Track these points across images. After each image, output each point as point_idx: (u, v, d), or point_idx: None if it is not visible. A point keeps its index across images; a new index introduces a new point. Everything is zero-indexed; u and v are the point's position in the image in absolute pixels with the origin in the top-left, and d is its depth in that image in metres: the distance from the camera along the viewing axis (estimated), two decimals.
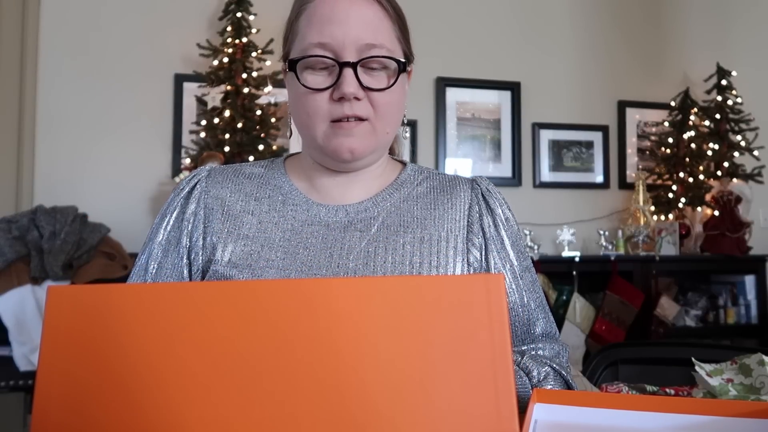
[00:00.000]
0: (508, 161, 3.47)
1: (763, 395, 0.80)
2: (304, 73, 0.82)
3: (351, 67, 0.80)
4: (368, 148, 0.84)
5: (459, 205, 0.88)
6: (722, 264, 3.44)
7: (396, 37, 0.86)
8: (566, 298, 3.20)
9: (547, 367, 0.77)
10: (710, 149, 3.52)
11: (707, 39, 3.79)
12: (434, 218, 0.87)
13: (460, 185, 0.91)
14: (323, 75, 0.82)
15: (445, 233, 0.85)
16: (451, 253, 0.84)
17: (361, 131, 0.82)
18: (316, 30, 0.81)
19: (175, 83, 3.06)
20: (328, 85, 0.81)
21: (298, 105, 0.84)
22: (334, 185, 0.88)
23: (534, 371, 0.75)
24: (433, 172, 0.94)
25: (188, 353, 0.35)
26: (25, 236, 2.40)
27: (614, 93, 3.66)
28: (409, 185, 0.91)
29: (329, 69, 0.82)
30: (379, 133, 0.85)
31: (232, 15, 2.93)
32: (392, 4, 0.86)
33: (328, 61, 0.81)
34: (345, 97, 0.80)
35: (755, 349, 0.92)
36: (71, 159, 2.92)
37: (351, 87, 0.79)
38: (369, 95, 0.82)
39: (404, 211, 0.87)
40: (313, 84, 0.81)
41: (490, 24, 3.50)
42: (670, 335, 3.19)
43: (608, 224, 3.54)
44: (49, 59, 2.94)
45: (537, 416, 0.64)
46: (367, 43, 0.81)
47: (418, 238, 0.84)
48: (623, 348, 1.24)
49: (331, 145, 0.82)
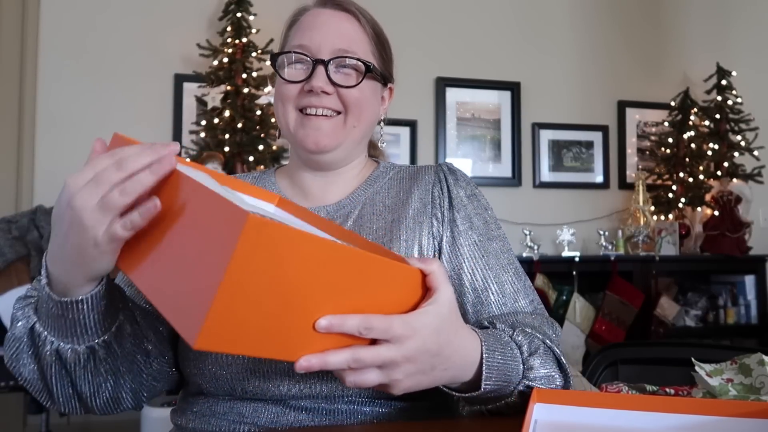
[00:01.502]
0: (508, 161, 3.47)
1: (763, 395, 0.80)
2: (284, 68, 0.93)
3: (322, 64, 0.90)
4: (334, 141, 0.92)
5: (423, 186, 0.95)
6: (722, 264, 3.44)
7: (371, 51, 0.95)
8: (566, 298, 3.20)
9: (538, 341, 0.78)
10: (710, 149, 3.52)
11: (707, 39, 3.79)
12: (402, 201, 0.94)
13: (425, 171, 0.98)
14: (300, 70, 0.92)
15: (412, 212, 0.92)
16: (417, 228, 0.90)
17: (329, 125, 0.92)
18: (300, 34, 0.93)
19: (175, 83, 3.06)
20: (301, 79, 0.91)
21: (275, 97, 0.95)
22: (315, 184, 0.96)
23: (525, 345, 0.76)
24: (402, 166, 1.02)
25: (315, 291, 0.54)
26: (25, 236, 2.40)
27: (614, 93, 3.66)
28: (381, 180, 0.98)
29: (305, 65, 0.92)
30: (348, 127, 0.93)
31: (232, 15, 2.93)
32: (372, 25, 0.97)
33: (305, 59, 0.91)
34: (313, 90, 0.89)
35: (755, 349, 0.92)
36: (71, 159, 2.92)
37: (319, 81, 0.89)
38: (339, 92, 0.91)
39: (376, 202, 0.94)
40: (289, 76, 0.92)
41: (490, 24, 3.50)
42: (670, 335, 3.19)
43: (608, 224, 3.54)
44: (49, 59, 2.94)
45: (537, 416, 0.64)
46: (340, 48, 0.91)
47: (389, 221, 0.91)
48: (623, 348, 1.24)
49: (299, 135, 0.92)
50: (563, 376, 0.79)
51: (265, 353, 0.53)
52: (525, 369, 0.74)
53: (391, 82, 1.01)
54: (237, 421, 0.80)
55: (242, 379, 0.79)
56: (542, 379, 0.75)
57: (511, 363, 0.72)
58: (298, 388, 0.79)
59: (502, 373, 0.70)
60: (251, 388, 0.79)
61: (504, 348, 0.72)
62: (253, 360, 0.78)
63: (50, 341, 0.69)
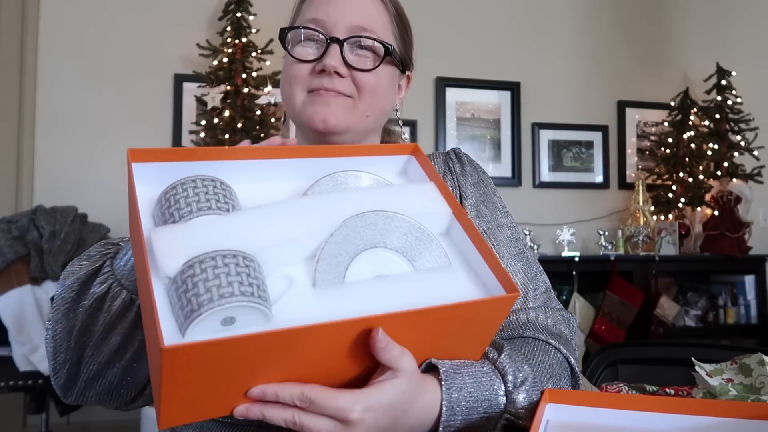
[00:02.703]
0: (508, 161, 3.47)
1: (763, 395, 0.80)
2: (294, 46, 0.84)
3: (337, 43, 0.82)
4: (343, 123, 0.83)
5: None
6: (722, 264, 3.44)
7: (392, 32, 0.87)
8: (566, 298, 3.20)
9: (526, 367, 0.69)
10: (710, 149, 3.52)
11: (707, 39, 3.79)
12: None
13: (436, 158, 0.93)
14: (312, 48, 0.84)
15: None
16: None
17: (340, 104, 0.83)
18: (314, 8, 0.84)
19: (175, 83, 3.06)
20: (313, 58, 0.83)
21: (283, 76, 0.87)
22: None
23: (509, 375, 0.67)
24: None
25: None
26: (25, 236, 2.40)
27: (614, 93, 3.66)
28: None
29: (318, 43, 0.83)
30: (359, 114, 0.85)
31: (232, 15, 2.93)
32: (395, 5, 0.88)
33: (319, 37, 0.83)
34: (326, 70, 0.81)
35: (755, 349, 0.92)
36: (71, 159, 2.92)
37: (333, 60, 0.81)
38: (353, 74, 0.83)
39: None
40: (299, 55, 0.83)
41: (490, 24, 3.50)
42: (670, 335, 3.19)
43: (608, 224, 3.54)
44: (49, 59, 2.94)
45: (548, 416, 0.64)
46: (358, 25, 0.83)
47: None
48: (623, 348, 1.24)
49: (306, 113, 0.83)
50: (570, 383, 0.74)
51: (228, 412, 0.57)
52: (507, 403, 0.66)
53: (410, 70, 0.93)
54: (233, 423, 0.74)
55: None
56: (529, 408, 0.66)
57: (483, 403, 0.65)
58: None
59: (468, 415, 0.64)
60: None
61: (471, 392, 0.64)
62: None
63: (107, 278, 0.69)
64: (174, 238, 0.54)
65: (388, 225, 0.63)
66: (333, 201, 0.63)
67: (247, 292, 0.51)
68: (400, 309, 0.56)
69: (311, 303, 0.58)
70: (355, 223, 0.61)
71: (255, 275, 0.53)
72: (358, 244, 0.62)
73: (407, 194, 0.67)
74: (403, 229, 0.63)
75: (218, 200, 0.59)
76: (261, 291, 0.53)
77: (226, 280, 0.51)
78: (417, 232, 0.63)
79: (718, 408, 0.62)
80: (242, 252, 0.54)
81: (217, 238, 0.55)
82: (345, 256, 0.61)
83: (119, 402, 0.77)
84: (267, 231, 0.58)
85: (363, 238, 0.62)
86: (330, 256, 0.60)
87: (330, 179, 0.68)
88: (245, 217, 0.59)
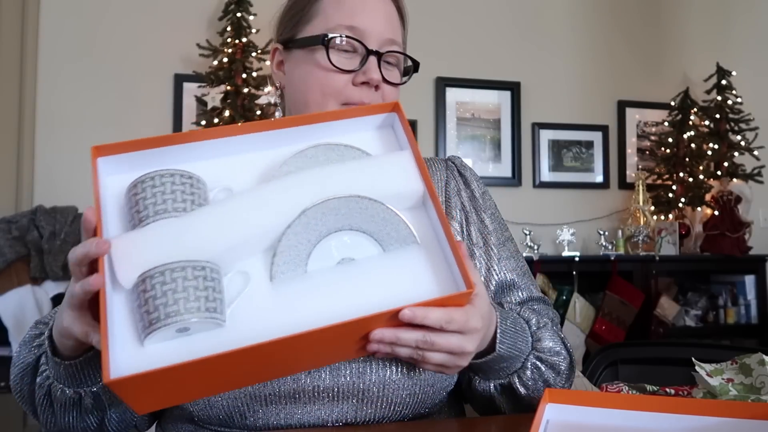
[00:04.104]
0: (508, 161, 3.47)
1: (763, 395, 0.80)
2: (323, 52, 0.81)
3: (377, 56, 0.82)
4: None
5: (436, 182, 0.90)
6: (722, 264, 3.44)
7: (403, 40, 0.90)
8: (566, 298, 3.20)
9: (546, 318, 0.82)
10: (710, 149, 3.52)
11: (707, 39, 3.79)
12: None
13: (436, 164, 0.93)
14: (346, 57, 0.82)
15: None
16: None
17: None
18: (348, 14, 0.82)
19: (175, 83, 3.06)
20: (353, 68, 0.81)
21: (310, 81, 0.82)
22: None
23: (533, 319, 0.79)
24: None
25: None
26: (25, 236, 2.40)
27: (614, 93, 3.66)
28: None
29: (352, 53, 0.82)
30: None
31: (232, 15, 2.93)
32: (404, 10, 0.90)
33: (356, 45, 0.81)
34: (370, 83, 0.81)
35: (755, 349, 0.92)
36: (71, 159, 2.92)
37: (377, 74, 0.81)
38: (382, 87, 0.83)
39: None
40: (340, 64, 0.81)
41: (490, 24, 3.50)
42: (670, 335, 3.19)
43: (608, 224, 3.54)
44: (49, 59, 2.94)
45: (549, 416, 0.64)
46: (389, 38, 0.83)
47: None
48: (623, 348, 1.24)
49: None
50: (569, 355, 0.82)
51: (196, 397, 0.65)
52: (534, 341, 0.78)
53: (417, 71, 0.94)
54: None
55: (241, 405, 0.71)
56: (550, 351, 0.78)
57: (521, 333, 0.76)
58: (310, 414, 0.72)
59: (513, 340, 0.74)
60: (251, 416, 0.72)
61: (514, 320, 0.76)
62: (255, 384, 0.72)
63: (47, 375, 0.71)
64: (130, 248, 0.56)
65: (351, 209, 0.61)
66: (293, 188, 0.62)
67: (192, 308, 0.54)
68: (352, 306, 0.58)
69: (268, 300, 0.59)
70: (315, 212, 0.61)
71: (205, 285, 0.55)
72: (321, 230, 0.61)
73: (378, 168, 0.65)
74: (368, 210, 0.62)
75: (175, 199, 0.59)
76: (209, 302, 0.55)
77: (173, 297, 0.53)
78: (383, 212, 0.62)
79: (718, 408, 0.62)
80: (192, 262, 0.55)
81: (170, 245, 0.56)
82: (306, 245, 0.61)
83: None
84: (224, 230, 0.59)
85: (325, 224, 0.61)
86: (288, 248, 0.60)
87: (300, 157, 0.66)
88: (201, 218, 0.59)
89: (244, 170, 0.66)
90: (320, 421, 0.73)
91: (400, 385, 0.74)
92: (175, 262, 0.55)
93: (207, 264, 0.56)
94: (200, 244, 0.57)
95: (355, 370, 0.73)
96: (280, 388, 0.72)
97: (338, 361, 0.72)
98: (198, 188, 0.61)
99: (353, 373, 0.73)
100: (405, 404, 0.75)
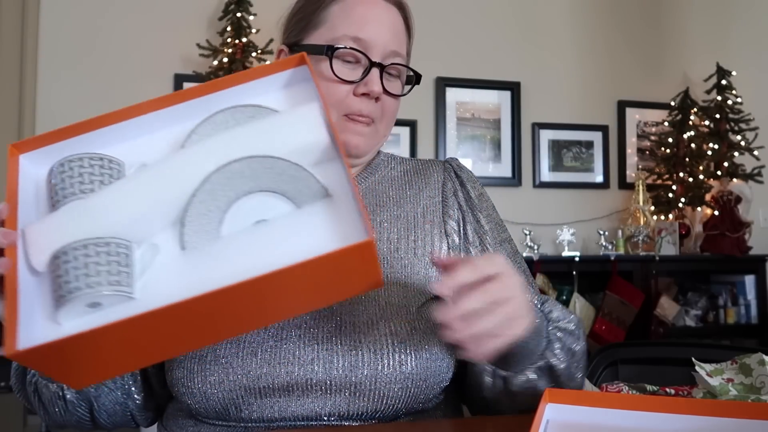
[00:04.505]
0: (508, 161, 3.47)
1: (763, 395, 0.80)
2: (333, 62, 0.83)
3: (379, 68, 0.83)
4: (369, 147, 0.89)
5: (433, 183, 0.92)
6: (722, 264, 3.44)
7: (407, 51, 0.91)
8: (566, 298, 3.20)
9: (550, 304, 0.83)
10: (710, 149, 3.52)
11: (707, 39, 3.79)
12: (409, 197, 0.90)
13: (433, 166, 0.95)
14: (349, 68, 0.84)
15: (421, 209, 0.89)
16: (427, 227, 0.88)
17: (368, 130, 0.86)
18: (355, 25, 0.83)
19: (175, 83, 3.06)
20: (354, 79, 0.83)
21: None
22: None
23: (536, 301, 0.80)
24: (405, 159, 0.98)
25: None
26: None
27: (614, 93, 3.65)
28: (382, 169, 0.94)
29: (355, 64, 0.84)
30: (380, 135, 0.89)
31: (232, 15, 2.93)
32: (411, 20, 0.92)
33: (360, 57, 0.83)
34: (371, 95, 0.83)
35: (755, 349, 0.92)
36: None
37: (378, 86, 0.83)
38: (382, 98, 0.85)
39: (379, 193, 0.90)
40: (341, 75, 0.83)
41: (490, 24, 3.50)
42: (670, 335, 3.19)
43: (608, 224, 3.54)
44: (48, 59, 2.94)
45: (549, 416, 0.64)
46: (393, 50, 0.85)
47: (394, 216, 0.88)
48: (623, 348, 1.24)
49: (340, 138, 0.84)
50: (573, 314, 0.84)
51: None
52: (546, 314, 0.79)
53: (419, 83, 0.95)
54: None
55: (236, 397, 0.73)
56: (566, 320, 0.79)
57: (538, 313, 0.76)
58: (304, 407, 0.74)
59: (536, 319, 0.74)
60: (246, 409, 0.74)
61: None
62: (249, 376, 0.73)
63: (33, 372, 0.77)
64: (39, 233, 0.59)
65: (256, 170, 0.60)
66: (196, 155, 0.62)
67: (93, 283, 0.55)
68: (266, 265, 0.55)
69: (181, 269, 0.59)
70: (219, 177, 0.60)
71: (108, 260, 0.57)
72: (230, 195, 0.61)
73: (283, 124, 0.64)
74: (274, 169, 0.61)
75: (83, 181, 0.61)
76: (111, 275, 0.56)
77: (74, 274, 0.56)
78: (290, 169, 0.61)
79: (718, 408, 0.62)
80: (95, 239, 0.57)
81: (75, 225, 0.58)
82: (216, 211, 0.61)
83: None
84: (130, 204, 0.60)
85: (233, 188, 0.61)
86: (198, 216, 0.60)
87: (209, 123, 0.65)
88: (103, 196, 0.60)
89: (162, 146, 0.66)
90: (313, 413, 0.74)
91: (392, 379, 0.74)
92: (78, 240, 0.57)
93: (112, 240, 0.58)
94: (103, 222, 0.59)
95: (348, 363, 0.74)
96: (273, 381, 0.73)
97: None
98: (109, 169, 0.63)
99: (345, 366, 0.74)
100: (397, 398, 0.75)
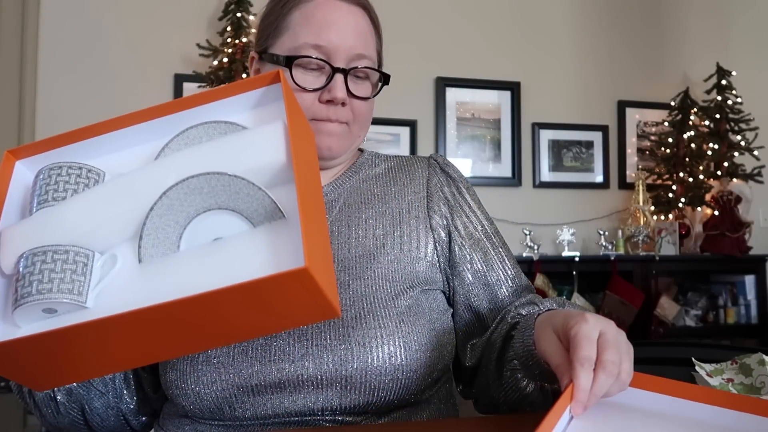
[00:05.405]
0: (508, 161, 3.47)
1: (763, 395, 0.80)
2: (295, 71, 0.84)
3: (343, 73, 0.84)
4: (343, 148, 0.89)
5: (417, 179, 0.93)
6: (722, 264, 3.44)
7: (377, 50, 0.90)
8: (566, 298, 3.20)
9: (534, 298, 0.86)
10: (710, 149, 3.52)
11: (707, 39, 3.79)
12: (394, 193, 0.91)
13: (417, 162, 0.96)
14: (313, 75, 0.84)
15: (406, 205, 0.90)
16: (413, 222, 0.88)
17: (340, 131, 0.87)
18: (314, 32, 0.83)
19: (175, 83, 3.06)
20: (318, 87, 0.84)
21: None
22: None
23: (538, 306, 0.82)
24: (390, 156, 0.99)
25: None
26: None
27: (614, 93, 3.66)
28: (366, 167, 0.95)
29: (319, 71, 0.84)
30: (354, 136, 0.90)
31: (232, 15, 2.93)
32: (375, 16, 0.91)
33: (322, 64, 0.83)
34: (334, 101, 0.83)
35: (755, 349, 0.92)
36: None
37: (341, 92, 0.83)
38: (351, 102, 0.86)
39: (364, 191, 0.91)
40: (304, 83, 0.84)
41: (489, 24, 3.50)
42: (670, 335, 3.19)
43: (608, 224, 3.54)
44: (49, 59, 2.94)
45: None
46: (358, 53, 0.85)
47: (380, 212, 0.88)
48: None
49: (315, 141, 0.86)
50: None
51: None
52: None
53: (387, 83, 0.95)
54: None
55: (229, 396, 0.74)
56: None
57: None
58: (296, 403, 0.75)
59: None
60: (240, 407, 0.75)
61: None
62: (241, 375, 0.74)
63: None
64: (11, 236, 0.60)
65: (214, 186, 0.61)
66: (160, 170, 0.62)
67: (44, 290, 0.56)
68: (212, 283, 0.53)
69: (136, 281, 0.60)
70: (177, 193, 0.60)
71: (63, 267, 0.57)
72: (188, 211, 0.61)
73: (246, 142, 0.64)
74: (230, 187, 0.61)
75: (57, 189, 0.62)
76: (64, 283, 0.56)
77: (29, 279, 0.56)
78: (246, 188, 0.60)
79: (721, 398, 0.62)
80: (54, 246, 0.58)
81: (41, 231, 0.60)
82: (175, 226, 0.61)
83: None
84: (93, 214, 0.61)
85: (191, 204, 0.61)
86: (156, 230, 0.60)
87: (182, 138, 0.66)
88: (68, 204, 0.61)
89: (144, 157, 0.67)
90: (306, 409, 0.75)
91: (382, 371, 0.75)
92: (40, 246, 0.58)
93: (72, 248, 0.58)
94: (65, 229, 0.60)
95: (338, 357, 0.75)
96: (265, 379, 0.74)
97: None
98: (86, 178, 0.63)
99: (336, 360, 0.75)
100: (389, 390, 0.76)
